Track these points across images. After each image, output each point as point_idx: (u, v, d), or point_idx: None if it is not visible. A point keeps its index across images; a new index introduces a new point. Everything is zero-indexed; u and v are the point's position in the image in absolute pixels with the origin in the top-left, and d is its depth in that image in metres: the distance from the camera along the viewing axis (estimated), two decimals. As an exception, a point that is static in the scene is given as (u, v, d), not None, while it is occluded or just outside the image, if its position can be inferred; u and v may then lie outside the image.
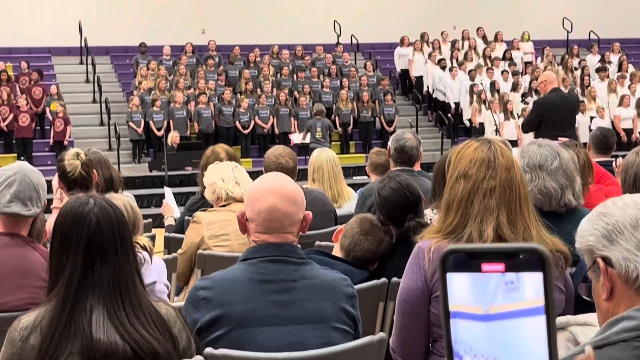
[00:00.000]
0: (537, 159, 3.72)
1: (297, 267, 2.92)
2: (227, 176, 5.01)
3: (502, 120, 18.63)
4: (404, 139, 5.81)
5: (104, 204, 2.75)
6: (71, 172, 4.85)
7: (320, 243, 5.04)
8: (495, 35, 22.89)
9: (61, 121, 18.21)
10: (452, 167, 2.94)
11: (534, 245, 1.13)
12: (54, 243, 2.75)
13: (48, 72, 20.78)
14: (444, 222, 2.91)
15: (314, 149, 12.10)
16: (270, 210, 2.90)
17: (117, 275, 2.66)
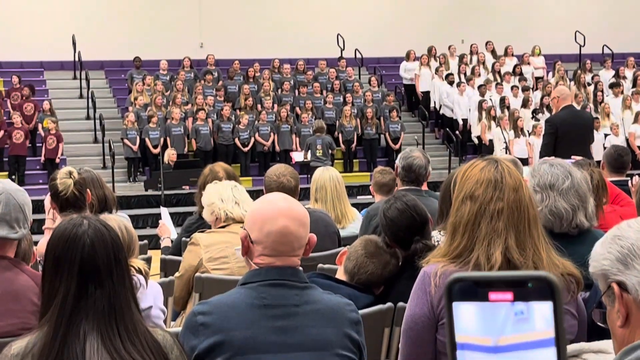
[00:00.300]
0: (548, 178, 3.72)
1: (299, 292, 2.92)
2: (226, 196, 5.02)
3: (512, 137, 18.64)
4: (411, 157, 5.82)
5: (99, 226, 2.75)
6: (63, 191, 4.85)
7: (323, 266, 5.03)
8: (504, 49, 22.94)
9: (53, 138, 18.24)
10: (458, 188, 2.94)
11: (543, 274, 1.13)
12: (47, 266, 2.75)
13: (40, 87, 20.84)
14: (450, 246, 2.91)
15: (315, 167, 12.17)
16: (282, 232, 2.90)
17: (112, 299, 2.66)
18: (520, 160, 16.25)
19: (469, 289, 1.14)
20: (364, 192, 16.55)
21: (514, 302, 1.12)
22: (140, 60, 20.97)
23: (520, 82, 21.68)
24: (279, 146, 19.43)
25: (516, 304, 1.12)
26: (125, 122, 18.85)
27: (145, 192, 17.35)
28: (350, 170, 19.74)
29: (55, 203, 4.91)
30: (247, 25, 23.08)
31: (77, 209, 4.79)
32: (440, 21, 24.31)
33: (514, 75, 22.12)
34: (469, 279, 1.15)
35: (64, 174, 4.90)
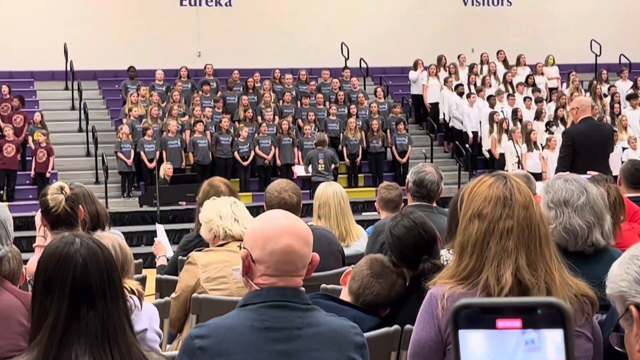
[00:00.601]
0: (563, 194, 3.72)
1: (301, 314, 2.92)
2: (225, 212, 5.02)
3: (524, 151, 18.65)
4: (423, 172, 5.83)
5: (92, 244, 2.76)
6: (55, 207, 4.86)
7: (327, 286, 5.03)
8: (517, 58, 22.97)
9: (43, 151, 18.25)
10: (465, 205, 2.94)
11: (553, 300, 1.13)
12: (37, 287, 2.75)
13: (30, 98, 20.88)
14: (457, 266, 2.91)
15: (317, 182, 12.16)
16: (286, 251, 2.90)
17: (105, 321, 2.67)
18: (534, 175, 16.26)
19: (476, 316, 1.14)
20: (369, 208, 16.54)
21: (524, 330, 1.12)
22: (134, 70, 21.01)
23: (534, 93, 21.69)
24: (280, 160, 19.44)
25: (527, 332, 1.12)
26: (119, 134, 18.87)
27: (140, 208, 17.36)
28: (355, 186, 19.74)
29: (46, 220, 4.91)
30: (247, 33, 23.13)
31: (69, 226, 4.80)
32: (449, 29, 24.35)
33: (526, 86, 22.13)
34: (476, 306, 1.15)
35: (55, 190, 4.91)
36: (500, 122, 19.80)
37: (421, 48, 22.98)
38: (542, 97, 21.64)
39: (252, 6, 23.53)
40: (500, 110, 20.25)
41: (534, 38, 24.37)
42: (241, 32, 23.11)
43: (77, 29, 21.96)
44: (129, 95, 19.93)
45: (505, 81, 22.14)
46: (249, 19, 23.32)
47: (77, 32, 21.86)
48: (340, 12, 23.77)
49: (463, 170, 19.72)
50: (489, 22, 24.81)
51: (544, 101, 21.42)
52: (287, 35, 23.22)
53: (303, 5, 23.76)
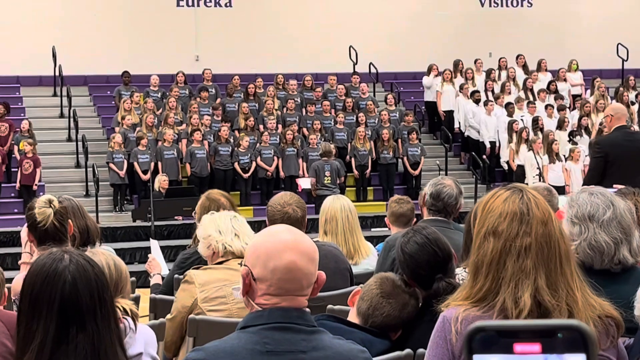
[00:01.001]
0: (587, 208, 3.71)
1: (306, 337, 2.91)
2: (224, 227, 5.02)
3: (546, 163, 18.63)
4: (441, 184, 5.86)
5: (82, 261, 2.76)
6: (42, 222, 4.87)
7: (333, 307, 5.03)
8: (538, 63, 22.98)
9: (30, 162, 18.28)
10: (479, 222, 2.94)
11: (575, 322, 1.13)
12: (23, 306, 2.75)
13: (16, 105, 20.92)
14: (472, 288, 2.90)
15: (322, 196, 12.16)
16: (289, 268, 2.90)
17: (96, 344, 2.67)
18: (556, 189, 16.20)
19: (492, 340, 1.14)
20: (379, 223, 16.53)
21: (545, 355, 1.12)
22: (129, 75, 21.06)
23: (556, 101, 21.70)
24: (284, 172, 19.46)
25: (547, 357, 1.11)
26: (111, 144, 18.89)
27: (133, 223, 17.38)
28: (364, 199, 19.74)
29: (33, 235, 4.92)
30: (248, 36, 23.18)
31: (58, 241, 4.80)
32: (465, 32, 24.38)
33: (548, 93, 22.14)
34: (492, 328, 1.15)
35: (43, 203, 4.92)
36: (520, 131, 19.78)
37: (435, 52, 23.00)
38: (565, 105, 21.64)
39: (254, 6, 23.57)
40: (519, 118, 20.24)
41: (556, 41, 24.38)
42: (242, 35, 23.15)
43: (67, 31, 22.02)
44: (122, 102, 19.95)
45: (526, 88, 22.14)
46: (251, 21, 23.36)
47: (67, 34, 21.92)
48: (348, 12, 23.81)
49: (480, 183, 19.70)
50: (507, 24, 24.82)
51: (566, 109, 21.41)
52: (291, 38, 23.25)
53: (308, 6, 23.80)
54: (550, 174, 18.51)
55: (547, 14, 25.05)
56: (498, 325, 1.14)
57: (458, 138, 21.85)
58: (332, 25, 23.55)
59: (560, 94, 22.20)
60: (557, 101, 21.69)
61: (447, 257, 4.13)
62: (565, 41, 24.58)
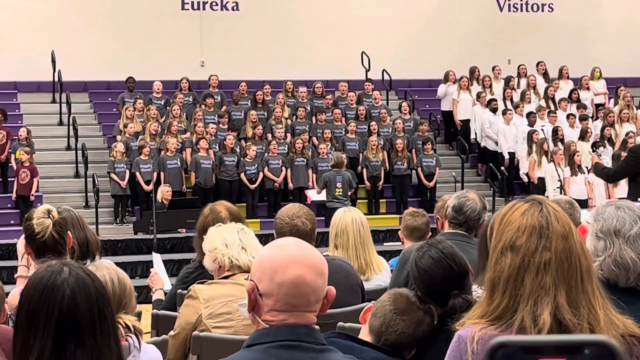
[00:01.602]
0: (613, 222, 3.70)
1: (315, 355, 2.90)
2: (231, 240, 5.02)
3: (567, 175, 18.59)
4: (465, 198, 5.88)
5: (81, 274, 2.77)
6: (41, 233, 4.87)
7: (344, 324, 5.02)
8: (559, 71, 22.97)
9: (26, 172, 18.31)
10: (496, 236, 2.92)
11: (602, 338, 1.12)
12: (20, 321, 2.75)
13: (13, 111, 20.97)
14: (489, 305, 2.89)
15: (333, 208, 12.16)
16: (295, 283, 2.89)
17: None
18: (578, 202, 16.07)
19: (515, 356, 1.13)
20: (392, 237, 16.54)
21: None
22: (133, 81, 21.10)
23: (578, 110, 21.67)
24: (293, 183, 19.46)
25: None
26: (112, 153, 18.91)
27: (135, 236, 17.39)
28: (376, 212, 19.73)
29: (31, 247, 4.93)
30: (256, 41, 23.21)
31: (56, 254, 4.80)
32: (482, 38, 24.39)
33: (569, 102, 22.11)
34: (515, 344, 1.14)
35: (42, 213, 4.92)
36: (540, 142, 19.74)
37: (451, 58, 23.01)
38: (588, 115, 21.61)
39: (262, 10, 23.61)
40: (540, 128, 20.20)
41: (579, 48, 24.38)
42: (249, 40, 23.19)
43: (66, 35, 22.09)
44: (124, 110, 19.97)
45: (547, 96, 22.12)
46: (258, 25, 23.41)
47: (66, 39, 21.99)
48: (360, 17, 23.83)
49: (498, 196, 19.68)
50: (527, 30, 24.82)
51: (589, 119, 21.39)
52: (300, 43, 23.29)
53: (319, 10, 23.82)
54: (572, 187, 18.47)
55: (569, 19, 25.04)
56: (522, 341, 1.14)
57: (475, 149, 21.84)
58: (343, 30, 23.57)
59: (583, 103, 22.17)
60: (580, 110, 21.66)
61: (464, 272, 4.11)
62: (588, 48, 24.56)
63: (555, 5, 25.43)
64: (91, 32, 22.34)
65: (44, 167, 19.18)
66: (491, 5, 25.14)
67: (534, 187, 19.46)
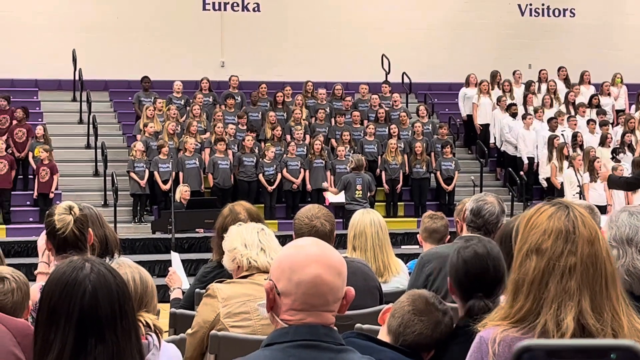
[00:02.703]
0: (626, 231, 3.67)
1: (334, 355, 2.90)
2: (250, 241, 5.03)
3: (586, 181, 18.52)
4: (483, 201, 5.84)
5: (103, 270, 2.78)
6: (62, 229, 4.89)
7: (362, 326, 5.02)
8: (580, 76, 22.90)
9: (46, 169, 18.35)
10: (522, 238, 2.91)
11: (629, 342, 1.12)
12: (40, 317, 2.77)
13: (34, 109, 21.04)
14: (511, 307, 2.88)
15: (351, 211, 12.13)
16: (314, 282, 2.90)
17: (115, 357, 2.68)
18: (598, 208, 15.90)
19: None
20: (410, 240, 16.51)
21: None
22: (149, 80, 21.12)
23: (598, 116, 21.59)
24: (311, 184, 19.46)
25: None
26: (132, 152, 18.94)
27: (153, 235, 17.42)
28: (394, 215, 19.72)
29: (51, 243, 4.95)
30: (276, 42, 23.24)
31: (77, 250, 4.82)
32: (503, 43, 24.35)
33: (590, 108, 22.04)
34: (540, 348, 1.14)
35: (63, 210, 4.95)
36: (560, 147, 19.68)
37: (472, 62, 22.97)
38: (608, 121, 21.52)
39: (282, 12, 23.64)
40: (560, 133, 20.15)
41: (600, 54, 24.30)
42: (269, 41, 23.22)
43: (87, 34, 22.17)
44: (144, 109, 20.00)
45: (567, 101, 22.05)
46: (279, 26, 23.44)
47: (87, 38, 22.07)
48: (381, 20, 23.82)
49: (516, 201, 19.64)
50: (548, 34, 24.77)
51: (609, 125, 21.30)
52: (321, 45, 23.29)
53: (339, 12, 23.81)
54: (591, 193, 18.40)
55: (590, 24, 24.96)
56: (548, 344, 1.13)
57: (494, 153, 21.80)
58: (364, 33, 23.57)
59: (603, 109, 22.09)
60: (600, 116, 21.58)
61: (498, 279, 4.09)
62: (609, 53, 24.48)
63: (577, 10, 25.36)
64: (112, 32, 22.41)
65: (63, 165, 19.24)
66: (513, 10, 25.09)
67: (554, 192, 19.39)
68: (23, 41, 21.77)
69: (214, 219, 6.40)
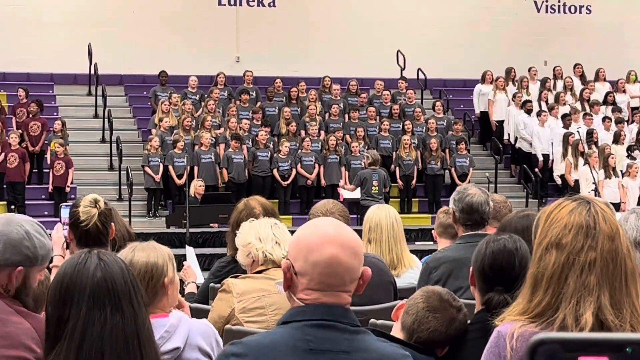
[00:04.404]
0: (633, 234, 3.66)
1: (350, 336, 2.91)
2: (265, 235, 5.03)
3: (601, 178, 18.49)
4: (468, 195, 5.74)
5: (110, 257, 2.88)
6: (85, 221, 4.93)
7: (376, 321, 5.02)
8: (595, 72, 22.84)
9: (61, 163, 18.41)
10: (541, 232, 2.91)
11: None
12: (53, 297, 2.85)
13: (49, 103, 21.11)
14: (530, 302, 2.87)
15: (366, 207, 12.13)
16: (330, 262, 2.91)
17: (135, 326, 2.76)
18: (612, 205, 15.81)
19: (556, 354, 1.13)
20: (424, 236, 16.48)
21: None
22: (166, 75, 21.16)
23: (613, 113, 21.53)
24: (325, 180, 19.46)
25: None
26: (147, 146, 18.97)
27: (167, 230, 17.44)
28: (409, 211, 19.70)
29: (73, 234, 4.98)
30: (291, 38, 23.24)
31: (98, 244, 4.85)
32: (519, 39, 24.29)
33: (605, 105, 21.98)
34: (556, 341, 1.14)
35: (89, 202, 4.98)
36: (575, 144, 19.64)
37: (487, 59, 22.94)
38: (623, 118, 21.47)
39: (298, 7, 23.64)
40: (576, 130, 20.11)
41: (615, 51, 24.22)
42: (285, 36, 23.22)
43: (103, 29, 22.21)
44: (159, 104, 20.02)
45: (582, 98, 22.00)
46: (294, 22, 23.44)
47: (103, 32, 22.12)
48: (396, 16, 23.80)
49: (531, 198, 19.61)
50: (564, 31, 24.70)
51: (624, 122, 21.24)
52: (336, 41, 23.28)
53: (355, 8, 23.81)
54: (606, 190, 18.37)
55: (606, 21, 24.89)
56: (563, 337, 1.13)
57: (509, 150, 21.76)
58: (379, 28, 23.55)
59: (618, 106, 22.03)
60: (615, 114, 21.52)
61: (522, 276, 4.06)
62: (625, 51, 24.41)
63: (593, 7, 25.28)
64: (128, 26, 22.46)
65: (78, 160, 19.29)
66: (528, 7, 25.03)
67: (568, 189, 19.35)
68: (39, 35, 21.83)
69: (228, 213, 6.41)
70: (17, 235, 3.64)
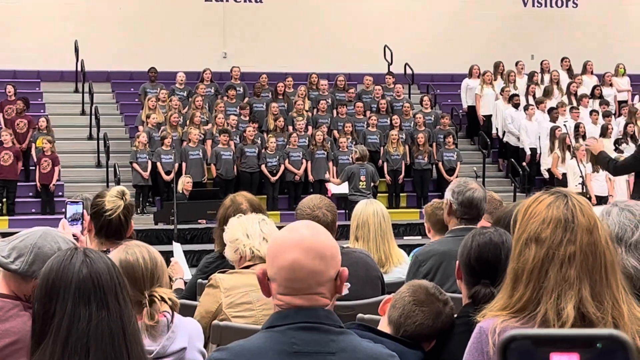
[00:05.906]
0: (615, 229, 3.65)
1: (334, 337, 2.93)
2: (252, 231, 5.04)
3: (589, 171, 18.53)
4: (470, 190, 5.75)
5: (95, 254, 2.88)
6: (110, 212, 4.95)
7: (364, 316, 5.03)
8: (583, 66, 22.87)
9: (48, 160, 18.36)
10: (520, 227, 2.91)
11: (614, 332, 1.12)
12: (39, 293, 2.85)
13: (36, 100, 21.06)
14: (510, 297, 2.88)
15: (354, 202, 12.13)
16: (291, 267, 2.92)
17: (120, 322, 2.76)
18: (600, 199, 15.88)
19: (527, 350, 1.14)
20: (412, 231, 16.52)
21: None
22: (155, 71, 21.11)
23: (601, 107, 21.56)
24: (313, 175, 19.46)
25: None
26: (135, 143, 18.95)
27: (155, 226, 17.42)
28: (397, 206, 19.72)
29: (94, 224, 4.99)
30: (279, 33, 23.22)
31: (117, 237, 4.88)
32: (506, 33, 24.32)
33: (592, 98, 22.02)
34: (527, 337, 1.14)
35: (116, 193, 5.01)
36: (562, 138, 19.67)
37: (474, 53, 22.95)
38: (611, 112, 21.52)
39: (285, 2, 23.64)
40: (563, 124, 20.12)
41: (603, 44, 24.27)
42: (272, 32, 23.21)
43: (89, 25, 22.16)
44: (146, 100, 20.00)
45: (569, 92, 22.03)
46: (281, 17, 23.43)
47: (89, 29, 22.07)
48: (383, 10, 23.81)
49: (519, 192, 19.64)
50: (551, 25, 24.74)
51: (612, 116, 21.28)
52: (323, 36, 23.28)
53: (342, 2, 23.82)
54: (594, 184, 18.40)
55: (593, 15, 24.94)
56: (534, 334, 1.14)
57: (496, 144, 21.80)
58: (366, 24, 23.56)
59: (606, 100, 22.07)
60: (602, 107, 21.56)
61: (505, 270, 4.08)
62: (612, 44, 24.45)
63: (580, 1, 25.33)
64: (114, 23, 22.41)
65: (65, 157, 19.26)
66: (515, 0, 25.06)
67: (555, 183, 19.39)
68: (25, 32, 21.77)
69: (216, 210, 6.41)
70: (49, 251, 3.67)
